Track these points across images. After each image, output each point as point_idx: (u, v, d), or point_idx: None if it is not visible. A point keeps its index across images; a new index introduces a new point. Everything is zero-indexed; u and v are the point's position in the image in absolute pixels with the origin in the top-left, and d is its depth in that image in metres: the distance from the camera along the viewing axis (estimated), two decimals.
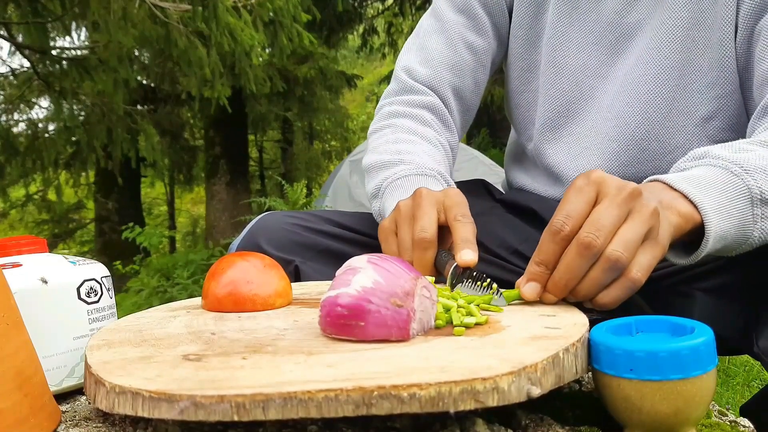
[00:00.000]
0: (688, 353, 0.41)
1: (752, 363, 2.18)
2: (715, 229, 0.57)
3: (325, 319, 0.47)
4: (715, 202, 0.57)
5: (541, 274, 0.54)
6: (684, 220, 0.56)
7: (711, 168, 0.61)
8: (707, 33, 0.79)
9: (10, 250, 0.56)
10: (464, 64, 0.94)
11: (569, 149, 0.89)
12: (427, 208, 0.66)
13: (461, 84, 0.95)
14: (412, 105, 0.94)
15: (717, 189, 0.58)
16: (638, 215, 0.51)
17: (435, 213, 0.66)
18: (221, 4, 3.86)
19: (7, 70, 6.16)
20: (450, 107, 0.95)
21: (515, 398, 0.38)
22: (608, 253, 0.50)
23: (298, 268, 0.81)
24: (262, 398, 0.37)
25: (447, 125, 0.95)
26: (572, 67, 0.88)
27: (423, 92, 0.94)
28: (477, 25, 0.94)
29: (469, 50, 0.94)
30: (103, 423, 0.47)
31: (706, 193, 0.58)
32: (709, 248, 0.57)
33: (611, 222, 0.51)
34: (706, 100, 0.80)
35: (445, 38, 0.94)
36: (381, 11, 8.39)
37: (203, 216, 8.77)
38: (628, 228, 0.51)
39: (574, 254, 0.51)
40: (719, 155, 0.62)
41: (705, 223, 0.56)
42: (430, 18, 0.98)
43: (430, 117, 0.93)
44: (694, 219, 0.57)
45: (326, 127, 10.23)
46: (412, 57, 0.97)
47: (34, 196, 8.67)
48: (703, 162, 0.62)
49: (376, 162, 0.86)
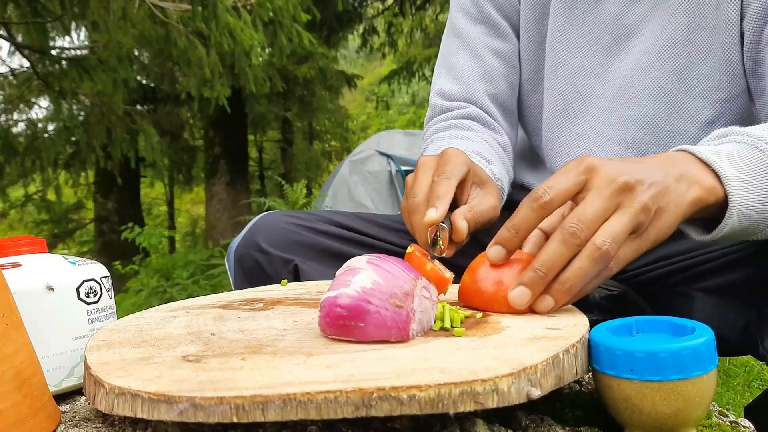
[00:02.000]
0: (688, 354, 0.40)
1: (752, 363, 2.18)
2: (740, 202, 0.55)
3: (324, 319, 0.47)
4: (740, 175, 0.55)
5: (510, 238, 0.52)
6: (707, 192, 0.54)
7: (736, 144, 0.59)
8: (709, 37, 0.78)
9: (9, 251, 0.56)
10: (494, 71, 0.94)
11: (570, 150, 0.89)
12: (421, 174, 0.67)
13: (496, 90, 0.95)
14: (450, 119, 0.95)
15: (742, 162, 0.56)
16: (626, 210, 0.50)
17: (429, 176, 0.66)
18: (221, 4, 3.86)
19: (7, 70, 6.16)
20: (491, 113, 0.95)
21: (515, 399, 0.38)
22: (597, 242, 0.49)
23: (298, 268, 0.81)
24: (262, 400, 0.37)
25: (491, 127, 0.94)
26: (570, 68, 0.88)
27: (460, 107, 0.95)
28: (498, 30, 0.94)
29: (496, 56, 0.94)
30: (103, 423, 0.47)
31: (730, 165, 0.56)
32: (733, 223, 0.55)
33: (597, 214, 0.50)
34: (708, 104, 0.80)
35: (470, 51, 0.95)
36: (381, 11, 8.38)
37: (203, 216, 8.77)
38: (614, 221, 0.50)
39: (557, 242, 0.50)
40: (744, 132, 0.60)
41: (729, 195, 0.54)
42: (451, 37, 0.98)
43: (470, 123, 0.93)
44: (717, 192, 0.55)
45: (326, 127, 10.23)
46: (442, 80, 0.98)
47: (34, 197, 8.67)
48: (728, 139, 0.61)
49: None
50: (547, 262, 0.50)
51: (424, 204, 0.64)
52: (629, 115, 0.83)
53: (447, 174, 0.65)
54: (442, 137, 0.92)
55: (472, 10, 0.96)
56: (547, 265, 0.50)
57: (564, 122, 0.90)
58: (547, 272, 0.50)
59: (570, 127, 0.89)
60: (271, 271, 0.82)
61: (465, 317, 0.51)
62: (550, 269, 0.50)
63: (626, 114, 0.83)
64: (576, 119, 0.88)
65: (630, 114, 0.83)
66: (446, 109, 0.96)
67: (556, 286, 0.51)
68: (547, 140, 0.92)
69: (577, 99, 0.88)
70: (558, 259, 0.50)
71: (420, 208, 0.64)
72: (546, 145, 0.92)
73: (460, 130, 0.92)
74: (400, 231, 0.91)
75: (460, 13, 0.97)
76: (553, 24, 0.89)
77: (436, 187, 0.63)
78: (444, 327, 0.49)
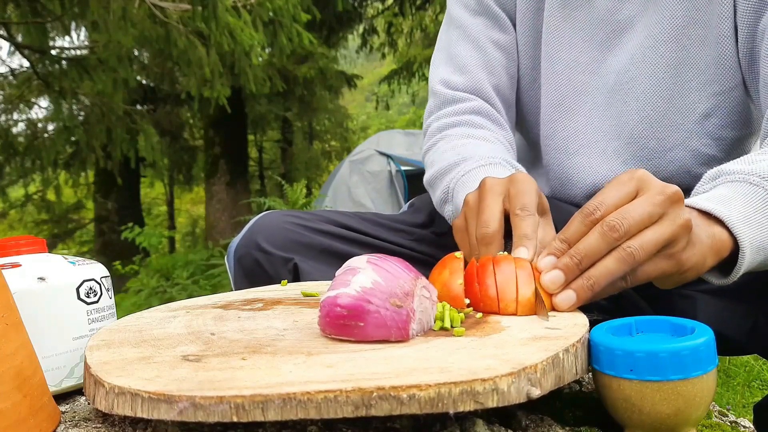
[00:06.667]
0: (688, 354, 0.40)
1: (753, 363, 2.18)
2: (749, 239, 0.55)
3: (324, 319, 0.47)
4: (740, 213, 0.56)
5: (562, 250, 0.53)
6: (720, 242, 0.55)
7: (729, 184, 0.60)
8: (704, 30, 0.78)
9: (9, 251, 0.56)
10: (496, 62, 0.93)
11: (566, 146, 0.89)
12: (490, 200, 0.62)
13: (498, 82, 0.94)
14: (459, 113, 0.92)
15: (740, 201, 0.57)
16: (669, 221, 0.50)
17: (499, 204, 0.62)
18: (221, 4, 3.86)
19: (7, 70, 6.16)
20: (496, 107, 0.93)
21: (515, 399, 0.38)
22: (625, 245, 0.50)
23: (298, 267, 0.81)
24: (261, 399, 0.37)
25: (499, 124, 0.93)
26: (565, 63, 0.88)
27: (467, 99, 0.92)
28: (498, 22, 0.94)
29: (497, 48, 0.93)
30: (103, 423, 0.47)
31: (728, 207, 0.56)
32: (748, 261, 0.56)
33: (641, 216, 0.50)
34: (704, 97, 0.80)
35: (471, 42, 0.94)
36: (381, 11, 8.39)
37: (203, 216, 8.77)
38: (653, 230, 0.50)
39: (596, 233, 0.50)
40: (734, 170, 0.61)
41: (737, 236, 0.55)
42: (451, 29, 0.97)
43: (480, 120, 0.91)
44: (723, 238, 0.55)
45: (326, 127, 10.24)
46: (444, 69, 0.96)
47: (34, 196, 8.68)
48: (720, 181, 0.62)
49: (438, 171, 0.84)
50: (584, 250, 0.50)
51: (498, 236, 0.60)
52: (626, 110, 0.83)
53: (529, 209, 0.60)
54: (454, 135, 0.89)
55: (471, 3, 0.95)
56: (582, 253, 0.50)
57: (560, 117, 0.90)
58: (582, 260, 0.51)
59: (566, 123, 0.89)
60: (271, 271, 0.82)
61: (465, 317, 0.51)
62: (585, 257, 0.50)
63: (623, 109, 0.84)
64: (572, 114, 0.88)
65: (626, 109, 0.83)
66: (452, 99, 0.93)
67: (580, 281, 0.51)
68: (544, 135, 0.92)
69: (572, 94, 0.88)
70: (594, 249, 0.50)
71: (495, 241, 0.60)
72: (543, 141, 0.92)
73: (473, 128, 0.90)
74: (400, 231, 0.90)
75: (459, 6, 0.96)
76: (548, 19, 0.89)
77: (522, 223, 0.59)
78: (444, 327, 0.49)
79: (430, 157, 0.90)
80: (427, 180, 0.87)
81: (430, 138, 0.93)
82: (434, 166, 0.85)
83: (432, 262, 0.63)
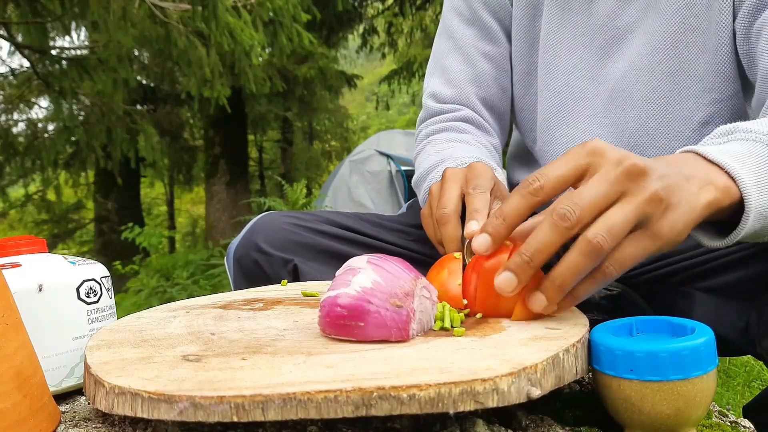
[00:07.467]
0: (688, 354, 0.40)
1: (752, 364, 2.18)
2: (756, 204, 0.51)
3: (324, 319, 0.47)
4: (754, 175, 0.51)
5: (497, 226, 0.49)
6: (722, 194, 0.50)
7: (744, 142, 0.55)
8: (702, 38, 0.78)
9: (9, 251, 0.55)
10: (485, 75, 0.95)
11: (566, 151, 0.89)
12: (449, 185, 0.67)
13: (487, 94, 0.96)
14: (446, 121, 0.96)
15: (754, 162, 0.52)
16: (632, 198, 0.45)
17: (457, 189, 0.66)
18: (221, 4, 3.86)
19: (7, 70, 6.16)
20: (484, 116, 0.96)
21: (515, 399, 0.38)
22: (589, 235, 0.44)
23: (297, 268, 0.81)
24: (262, 399, 0.37)
25: (484, 130, 0.96)
26: (564, 69, 0.88)
27: (454, 109, 0.96)
28: (489, 34, 0.95)
29: (487, 60, 0.95)
30: (103, 423, 0.47)
31: (743, 165, 0.52)
32: (749, 226, 0.51)
33: (594, 199, 0.45)
34: (702, 105, 0.80)
35: (462, 54, 0.96)
36: (381, 11, 8.38)
37: (203, 216, 8.77)
38: (615, 211, 0.45)
39: (545, 225, 0.45)
40: (750, 129, 0.57)
41: (744, 197, 0.50)
42: (443, 38, 0.99)
43: (465, 126, 0.94)
44: (732, 194, 0.50)
45: (326, 127, 10.24)
46: (435, 81, 0.99)
47: (34, 196, 8.68)
48: (734, 137, 0.58)
49: (422, 173, 0.88)
50: (533, 245, 0.46)
51: (454, 215, 0.64)
52: (624, 117, 0.83)
53: (482, 188, 0.64)
54: (439, 139, 0.93)
55: (464, 11, 0.96)
56: (532, 248, 0.46)
57: (559, 124, 0.90)
58: (532, 257, 0.46)
59: (565, 129, 0.89)
60: (270, 272, 0.82)
61: (465, 317, 0.51)
62: (536, 253, 0.46)
63: (621, 116, 0.83)
64: (570, 121, 0.88)
65: (624, 116, 0.83)
66: (439, 111, 0.97)
67: (547, 282, 0.47)
68: (542, 142, 0.92)
69: (571, 100, 0.88)
70: (545, 243, 0.45)
71: (451, 220, 0.63)
72: (541, 147, 0.92)
73: (456, 132, 0.93)
74: (400, 231, 0.90)
75: (453, 14, 0.98)
76: (546, 25, 0.89)
77: (473, 200, 0.63)
78: (444, 327, 0.49)
79: (417, 160, 0.94)
80: (414, 182, 0.92)
81: (418, 144, 0.98)
82: (419, 168, 0.90)
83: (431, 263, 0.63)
